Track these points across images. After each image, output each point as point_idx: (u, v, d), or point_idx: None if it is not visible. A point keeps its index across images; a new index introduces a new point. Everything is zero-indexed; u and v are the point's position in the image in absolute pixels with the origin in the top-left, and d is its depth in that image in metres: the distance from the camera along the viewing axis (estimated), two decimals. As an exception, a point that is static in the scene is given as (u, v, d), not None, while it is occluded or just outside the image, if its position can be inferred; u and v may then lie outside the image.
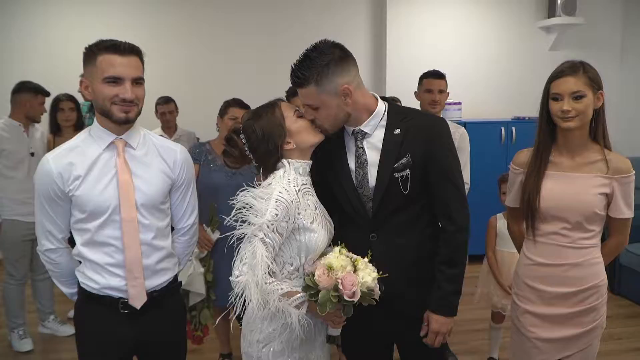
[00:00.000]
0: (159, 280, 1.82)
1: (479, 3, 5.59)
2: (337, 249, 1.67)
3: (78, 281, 1.83)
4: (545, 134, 2.00)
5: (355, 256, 1.67)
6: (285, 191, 1.65)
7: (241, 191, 1.67)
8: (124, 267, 1.74)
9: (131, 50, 1.68)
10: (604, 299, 2.00)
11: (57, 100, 3.86)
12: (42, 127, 3.75)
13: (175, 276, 1.92)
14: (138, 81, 1.69)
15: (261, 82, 5.10)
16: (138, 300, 1.76)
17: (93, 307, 1.79)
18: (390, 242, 1.83)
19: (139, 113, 1.73)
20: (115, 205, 1.71)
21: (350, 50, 1.85)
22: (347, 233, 1.84)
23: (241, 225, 1.63)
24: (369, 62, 5.72)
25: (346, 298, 1.57)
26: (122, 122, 1.70)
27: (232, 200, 1.67)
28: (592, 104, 1.89)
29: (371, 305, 1.69)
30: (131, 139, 1.77)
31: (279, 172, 1.73)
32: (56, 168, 1.70)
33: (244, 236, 1.63)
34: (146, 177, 1.78)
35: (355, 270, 1.62)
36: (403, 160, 1.78)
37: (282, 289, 1.64)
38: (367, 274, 1.60)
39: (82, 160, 1.71)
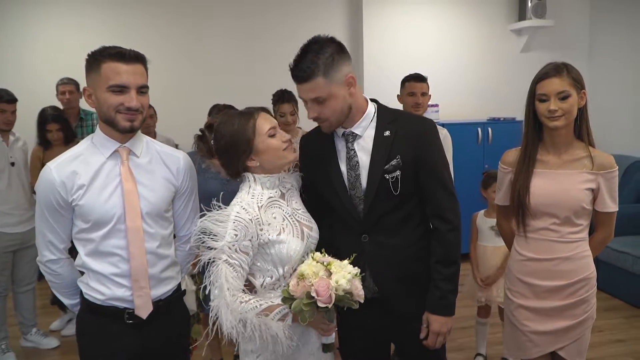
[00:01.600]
0: (164, 289, 1.81)
1: (452, 7, 5.70)
2: (312, 255, 1.67)
3: (80, 292, 1.81)
4: (533, 134, 2.07)
5: (330, 259, 1.64)
6: (243, 210, 1.67)
7: (201, 216, 1.72)
8: (130, 277, 1.72)
9: (136, 58, 1.66)
10: (593, 291, 2.08)
11: (44, 119, 3.76)
12: (24, 137, 3.68)
13: (179, 284, 1.91)
14: (142, 89, 1.68)
15: (240, 88, 5.12)
16: (144, 310, 1.75)
17: (97, 318, 1.76)
18: (381, 243, 1.85)
19: (143, 121, 1.72)
20: (120, 214, 1.70)
21: None
22: (339, 235, 1.89)
23: (204, 252, 1.67)
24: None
25: (320, 304, 1.55)
26: (127, 130, 1.69)
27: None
28: (577, 103, 1.97)
29: (366, 304, 1.69)
30: (135, 147, 1.76)
31: (244, 189, 1.76)
32: (59, 177, 1.67)
33: (212, 261, 1.65)
34: (150, 185, 1.77)
35: (330, 275, 1.60)
36: (393, 162, 1.81)
37: (260, 305, 1.65)
38: (341, 277, 1.58)
39: (85, 169, 1.69)
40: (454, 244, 1.88)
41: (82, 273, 1.81)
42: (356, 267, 1.64)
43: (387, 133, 1.83)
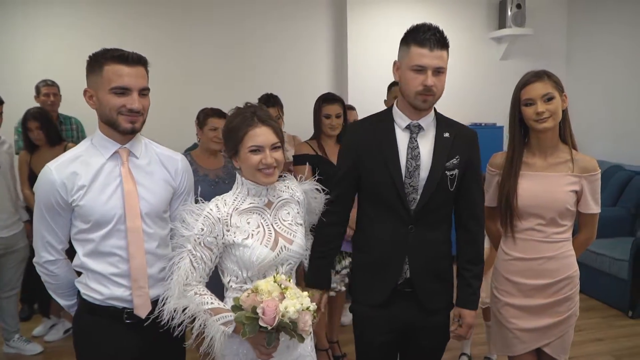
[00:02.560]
0: (162, 289, 1.80)
1: (435, 14, 5.79)
2: (275, 275, 1.65)
3: (77, 293, 1.82)
4: (518, 138, 2.15)
5: (289, 286, 1.61)
6: (216, 208, 1.74)
7: (183, 205, 1.83)
8: (129, 277, 1.74)
9: (138, 60, 1.69)
10: (576, 289, 2.16)
11: (25, 119, 3.72)
12: (9, 140, 3.66)
13: None
14: (144, 91, 1.71)
15: (223, 91, 5.14)
16: (143, 310, 1.77)
17: (95, 318, 1.77)
18: (424, 236, 1.94)
19: (143, 123, 1.75)
20: (120, 215, 1.72)
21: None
22: (382, 224, 1.96)
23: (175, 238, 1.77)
24: (331, 70, 5.84)
25: (261, 323, 1.53)
26: (128, 132, 1.71)
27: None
28: (561, 105, 2.05)
29: (396, 296, 1.93)
30: (134, 148, 1.78)
31: (233, 188, 1.83)
32: (60, 177, 1.68)
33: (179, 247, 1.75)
34: (150, 186, 1.79)
35: (283, 299, 1.57)
36: (454, 161, 1.93)
37: (211, 303, 1.69)
38: (291, 305, 1.54)
39: (85, 170, 1.71)
40: (482, 243, 2.07)
41: (79, 274, 1.82)
42: (313, 304, 1.61)
43: (446, 135, 1.95)
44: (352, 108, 4.07)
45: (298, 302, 1.55)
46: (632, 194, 4.80)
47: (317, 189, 2.00)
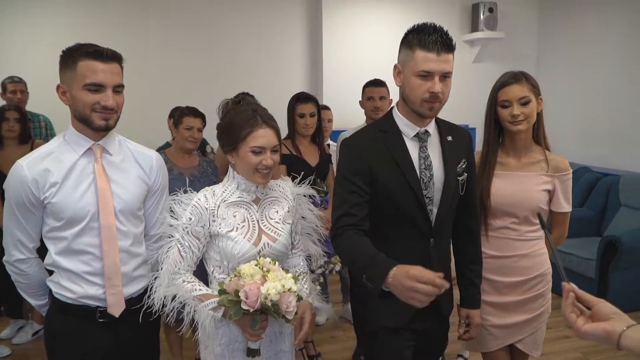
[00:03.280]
0: (136, 287, 1.80)
1: (410, 16, 5.84)
2: (258, 258, 1.69)
3: (49, 292, 1.78)
4: (493, 138, 2.18)
5: (272, 268, 1.65)
6: (204, 198, 1.78)
7: (172, 194, 1.85)
8: (103, 275, 1.71)
9: (113, 56, 1.65)
10: (549, 286, 2.20)
11: (2, 110, 3.64)
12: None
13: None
14: (118, 88, 1.68)
15: (197, 89, 5.10)
16: (117, 309, 1.74)
17: (67, 318, 1.74)
18: (441, 246, 1.86)
19: (117, 120, 1.72)
20: (93, 212, 1.69)
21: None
22: (403, 242, 1.79)
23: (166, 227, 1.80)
24: (305, 69, 5.84)
25: (243, 306, 1.58)
26: (101, 129, 1.68)
27: None
28: (536, 108, 2.09)
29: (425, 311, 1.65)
30: (108, 145, 1.75)
31: (224, 180, 1.86)
32: (31, 174, 1.64)
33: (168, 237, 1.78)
34: (123, 183, 1.76)
35: (265, 282, 1.61)
36: (462, 165, 1.86)
37: (200, 290, 1.73)
38: (272, 287, 1.57)
39: (58, 167, 1.67)
40: (480, 242, 2.05)
41: (50, 272, 1.78)
42: (297, 284, 1.64)
43: (449, 138, 1.86)
44: (326, 108, 4.07)
45: (279, 284, 1.59)
46: (599, 196, 4.93)
47: (312, 197, 1.99)
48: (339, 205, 1.75)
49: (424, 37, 1.65)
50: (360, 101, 3.60)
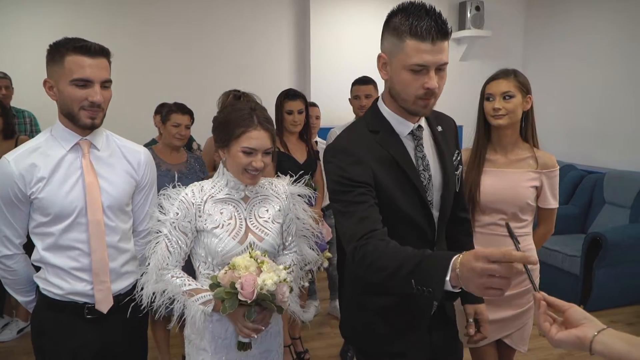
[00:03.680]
0: (124, 284, 1.79)
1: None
2: (250, 251, 1.68)
3: (37, 288, 1.76)
4: (483, 135, 2.20)
5: (266, 259, 1.65)
6: (191, 193, 1.76)
7: (161, 190, 1.83)
8: (90, 271, 1.70)
9: (101, 51, 1.64)
10: (536, 282, 2.22)
11: None
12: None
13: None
14: (106, 84, 1.66)
15: (184, 86, 5.06)
16: (105, 305, 1.73)
17: (55, 314, 1.72)
18: (442, 249, 1.67)
19: (103, 117, 1.70)
20: (81, 208, 1.67)
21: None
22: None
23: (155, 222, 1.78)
24: (293, 67, 5.83)
25: (240, 297, 1.58)
26: (87, 127, 1.67)
27: None
28: (521, 105, 2.11)
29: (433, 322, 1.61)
30: (96, 140, 1.74)
31: (214, 175, 1.83)
32: (18, 169, 1.63)
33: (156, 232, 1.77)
34: (111, 179, 1.75)
35: (260, 273, 1.62)
36: (458, 157, 1.70)
37: (189, 284, 1.73)
38: (269, 277, 1.58)
39: (45, 162, 1.65)
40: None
41: (37, 269, 1.76)
42: (290, 275, 1.66)
43: (439, 128, 1.66)
44: (314, 105, 4.07)
45: (275, 275, 1.59)
46: (583, 193, 4.98)
47: (308, 197, 1.95)
48: (350, 214, 1.45)
49: (414, 23, 1.38)
50: (349, 98, 3.60)
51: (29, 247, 1.77)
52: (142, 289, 1.72)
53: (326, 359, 3.47)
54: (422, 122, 1.59)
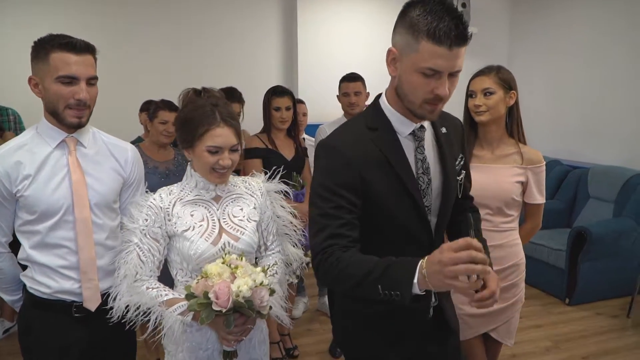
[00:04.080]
0: (112, 282, 1.77)
1: (384, 11, 5.87)
2: (224, 256, 1.59)
3: (23, 287, 1.75)
4: (468, 130, 2.22)
5: (240, 264, 1.55)
6: (159, 198, 1.69)
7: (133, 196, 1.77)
8: (78, 269, 1.69)
9: (86, 48, 1.62)
10: (522, 276, 2.25)
11: None
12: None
13: None
14: (92, 81, 1.65)
15: (172, 84, 4.97)
16: (93, 303, 1.72)
17: (43, 313, 1.71)
18: None
19: (90, 115, 1.69)
20: (68, 205, 1.66)
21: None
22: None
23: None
24: (281, 64, 5.82)
25: (214, 307, 1.48)
26: (74, 126, 1.66)
27: None
28: (503, 101, 2.13)
29: (418, 318, 1.55)
30: (82, 137, 1.72)
31: (183, 178, 1.75)
32: (3, 167, 1.61)
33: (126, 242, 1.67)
34: (98, 176, 1.74)
35: (234, 279, 1.52)
36: (461, 162, 1.61)
37: (165, 295, 1.63)
38: (243, 283, 1.49)
39: (31, 159, 1.64)
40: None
41: (24, 267, 1.75)
42: (268, 277, 1.55)
43: (444, 130, 1.57)
44: (301, 102, 4.08)
45: (250, 279, 1.50)
46: (568, 188, 5.04)
47: (284, 193, 1.88)
48: (323, 226, 1.39)
49: (433, 24, 1.27)
50: (337, 96, 3.60)
51: (14, 245, 1.75)
52: (114, 301, 1.62)
53: (315, 355, 3.48)
54: (425, 122, 1.52)
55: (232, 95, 3.48)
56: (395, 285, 1.25)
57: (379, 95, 1.54)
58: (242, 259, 1.59)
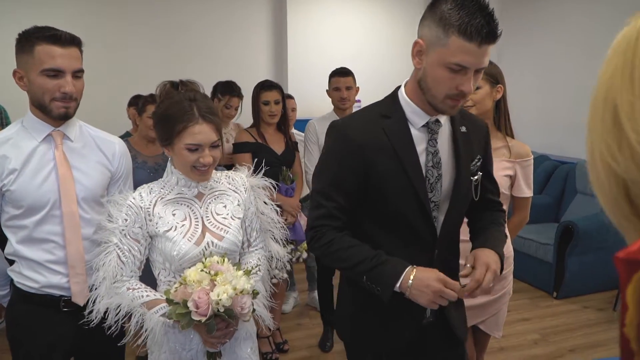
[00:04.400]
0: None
1: (372, 5, 5.88)
2: (204, 260, 1.53)
3: (10, 282, 1.74)
4: None
5: (222, 269, 1.49)
6: (139, 197, 1.63)
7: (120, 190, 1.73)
8: (66, 264, 1.68)
9: (72, 40, 1.61)
10: (510, 269, 2.26)
11: None
12: None
13: None
14: (78, 73, 1.64)
15: (163, 78, 4.96)
16: (81, 297, 1.71)
17: (30, 307, 1.70)
18: (446, 257, 1.58)
19: (77, 107, 1.68)
20: (55, 200, 1.65)
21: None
22: (407, 251, 1.48)
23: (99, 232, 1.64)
24: (270, 59, 5.80)
25: (194, 317, 1.43)
26: (61, 118, 1.65)
27: None
28: (490, 95, 2.14)
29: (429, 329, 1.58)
30: (69, 131, 1.71)
31: (164, 175, 1.69)
32: None
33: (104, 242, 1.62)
34: (85, 170, 1.73)
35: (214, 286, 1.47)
36: (477, 162, 1.57)
37: (147, 296, 1.59)
38: (223, 291, 1.43)
39: (16, 154, 1.63)
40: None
41: (11, 262, 1.74)
42: (250, 282, 1.50)
43: (463, 129, 1.55)
44: (290, 97, 4.07)
45: (230, 287, 1.44)
46: (556, 183, 5.08)
47: (271, 187, 1.84)
48: (319, 204, 1.49)
49: (465, 19, 1.27)
50: (327, 90, 3.60)
51: (1, 240, 1.74)
52: (94, 304, 1.58)
53: (305, 349, 3.49)
54: (443, 118, 1.51)
55: (232, 89, 3.47)
56: (378, 282, 1.41)
57: (399, 87, 1.54)
58: (224, 260, 1.53)
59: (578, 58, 5.44)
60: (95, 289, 1.59)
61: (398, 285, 1.38)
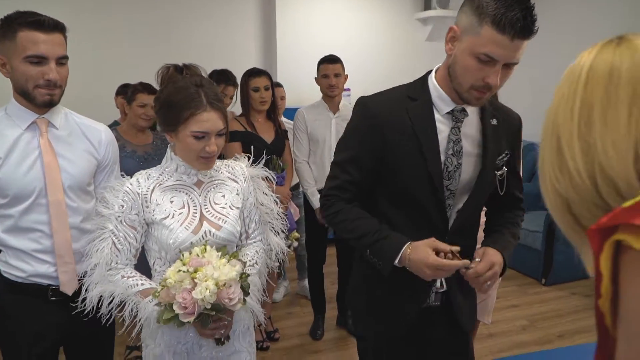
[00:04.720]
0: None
1: (362, -6, 5.85)
2: (182, 256, 1.49)
3: None
4: None
5: (199, 267, 1.43)
6: (137, 183, 1.59)
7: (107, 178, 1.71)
8: (53, 253, 1.66)
9: (55, 26, 1.57)
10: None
11: None
12: None
13: None
14: (62, 60, 1.60)
15: (152, 66, 4.88)
16: (70, 287, 1.70)
17: (17, 297, 1.69)
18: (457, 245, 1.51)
19: (62, 94, 1.65)
20: (40, 188, 1.63)
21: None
22: (417, 233, 1.46)
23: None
24: (260, 48, 5.76)
25: (182, 319, 1.41)
26: (45, 105, 1.62)
27: None
28: None
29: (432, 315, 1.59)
30: (54, 119, 1.68)
31: (162, 161, 1.66)
32: None
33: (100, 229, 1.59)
34: (71, 158, 1.70)
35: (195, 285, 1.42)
36: (505, 157, 1.55)
37: (141, 284, 1.56)
38: (204, 288, 1.38)
39: (0, 142, 1.60)
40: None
41: None
42: (235, 270, 1.45)
43: (494, 121, 1.52)
44: (279, 85, 4.05)
45: (212, 282, 1.39)
46: (545, 170, 5.11)
47: (268, 179, 1.79)
48: (335, 175, 1.55)
49: (501, 11, 1.26)
50: (315, 78, 3.58)
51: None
52: (87, 291, 1.54)
53: (296, 338, 3.51)
54: (472, 108, 1.50)
55: (227, 77, 3.41)
56: (379, 256, 1.46)
57: (429, 72, 1.54)
58: (204, 251, 1.48)
59: (569, 47, 5.46)
60: (88, 276, 1.56)
61: (397, 261, 1.42)
